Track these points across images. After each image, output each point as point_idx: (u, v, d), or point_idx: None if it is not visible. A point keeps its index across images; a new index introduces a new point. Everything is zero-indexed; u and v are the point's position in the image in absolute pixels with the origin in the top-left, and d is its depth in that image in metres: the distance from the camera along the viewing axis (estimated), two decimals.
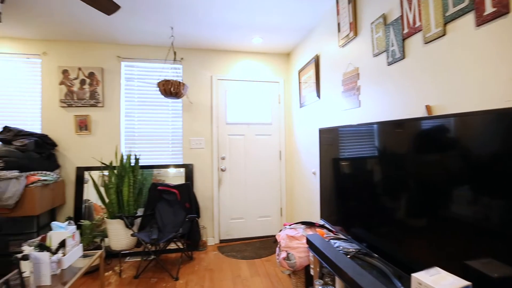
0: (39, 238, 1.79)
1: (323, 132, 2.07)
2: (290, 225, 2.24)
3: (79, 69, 3.13)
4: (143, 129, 3.33)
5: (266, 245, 3.34)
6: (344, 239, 1.83)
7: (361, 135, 1.61)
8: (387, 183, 1.39)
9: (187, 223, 2.84)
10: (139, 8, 2.43)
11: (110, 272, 2.70)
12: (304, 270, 2.02)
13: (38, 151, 2.79)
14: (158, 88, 2.85)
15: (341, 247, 1.68)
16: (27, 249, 1.64)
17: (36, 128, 3.05)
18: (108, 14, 1.98)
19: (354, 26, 2.05)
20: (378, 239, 1.43)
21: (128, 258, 3.00)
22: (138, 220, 2.93)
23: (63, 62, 3.12)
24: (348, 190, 1.75)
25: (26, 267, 1.51)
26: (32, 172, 2.64)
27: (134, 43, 3.23)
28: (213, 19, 2.65)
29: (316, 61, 2.72)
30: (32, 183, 2.56)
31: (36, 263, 1.54)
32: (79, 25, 2.76)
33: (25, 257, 1.53)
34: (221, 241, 3.47)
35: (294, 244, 1.95)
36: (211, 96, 3.46)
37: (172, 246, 3.06)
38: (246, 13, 2.54)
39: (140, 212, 2.99)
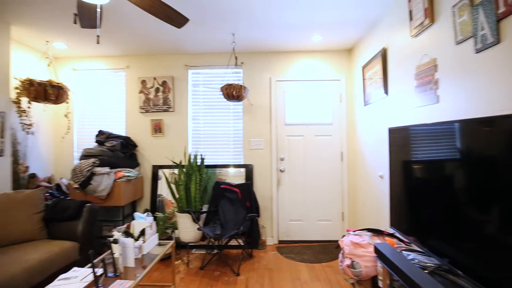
0: (125, 225, 2.07)
1: (394, 132, 1.89)
2: (354, 231, 2.11)
3: (154, 78, 3.53)
4: (207, 131, 3.58)
5: (327, 249, 3.21)
6: (420, 252, 1.64)
7: (440, 135, 1.41)
8: (475, 191, 1.19)
9: (248, 221, 2.93)
10: (204, 18, 2.62)
11: (179, 261, 2.96)
12: (371, 281, 1.88)
13: (123, 151, 3.26)
14: (221, 92, 3.02)
15: (416, 260, 1.50)
16: (116, 234, 1.92)
17: (122, 131, 3.56)
18: (179, 28, 2.18)
19: (430, 12, 1.82)
20: (465, 255, 1.24)
21: (194, 250, 3.25)
22: (203, 216, 3.15)
23: (141, 74, 3.57)
24: (424, 197, 1.56)
25: (116, 249, 1.77)
26: (118, 169, 3.08)
27: (199, 52, 3.50)
28: (272, 21, 2.69)
29: (383, 54, 2.51)
30: (119, 178, 2.99)
31: (123, 247, 1.78)
32: (154, 41, 3.12)
33: (116, 241, 1.79)
34: (280, 241, 3.47)
35: (359, 251, 1.83)
36: (270, 97, 3.51)
37: (233, 242, 3.19)
38: (305, 11, 2.50)
39: (205, 208, 3.21)
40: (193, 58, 3.56)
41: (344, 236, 2.15)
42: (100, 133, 3.31)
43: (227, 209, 3.12)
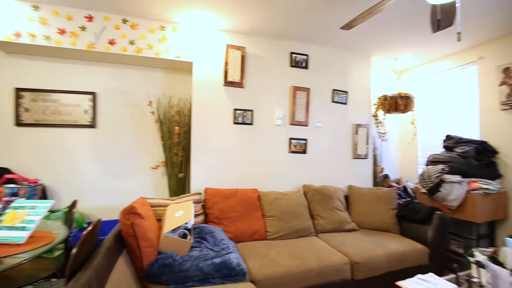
0: (491, 249, 1.70)
1: None
2: None
3: None
4: None
5: None
6: None
7: None
8: None
9: None
10: None
11: None
12: None
13: (478, 158, 2.76)
14: None
15: None
16: (479, 256, 1.63)
17: (474, 135, 3.05)
18: None
19: None
20: None
21: None
22: None
23: (502, 61, 2.81)
24: None
25: (482, 275, 1.50)
26: (472, 179, 2.66)
27: None
28: None
29: None
30: (473, 189, 2.57)
31: (494, 276, 1.46)
32: None
33: (481, 264, 1.52)
34: None
35: None
36: None
37: None
38: None
39: None
40: None
41: None
42: (448, 138, 3.08)
43: None
